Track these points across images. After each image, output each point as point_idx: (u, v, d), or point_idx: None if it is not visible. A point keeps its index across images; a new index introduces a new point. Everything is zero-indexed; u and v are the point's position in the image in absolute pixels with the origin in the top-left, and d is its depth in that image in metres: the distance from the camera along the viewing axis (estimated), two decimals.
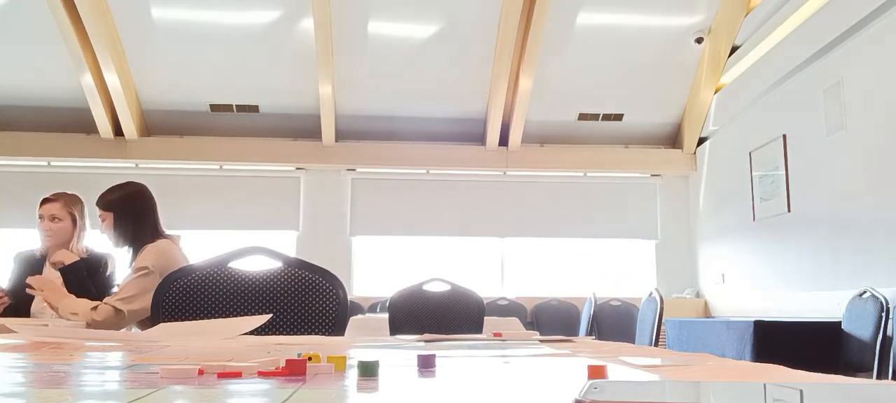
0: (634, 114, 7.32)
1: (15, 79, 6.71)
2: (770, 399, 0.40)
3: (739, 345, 4.21)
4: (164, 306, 1.89)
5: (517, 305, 7.06)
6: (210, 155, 7.22)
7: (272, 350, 0.99)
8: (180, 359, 0.81)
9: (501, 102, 6.85)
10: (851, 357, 3.90)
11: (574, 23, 6.41)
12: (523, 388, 0.55)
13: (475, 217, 7.47)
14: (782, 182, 5.68)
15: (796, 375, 0.63)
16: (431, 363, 0.72)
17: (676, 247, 7.55)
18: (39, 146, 7.04)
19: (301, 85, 6.86)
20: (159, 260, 2.45)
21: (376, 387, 0.55)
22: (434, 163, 7.38)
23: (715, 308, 6.99)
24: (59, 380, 0.59)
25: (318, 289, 1.93)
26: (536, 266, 7.53)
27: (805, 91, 5.43)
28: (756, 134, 6.14)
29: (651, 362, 0.79)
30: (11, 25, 6.19)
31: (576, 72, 6.87)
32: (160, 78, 6.81)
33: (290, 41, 6.49)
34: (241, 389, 0.52)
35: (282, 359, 0.67)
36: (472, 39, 6.52)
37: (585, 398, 0.38)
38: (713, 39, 6.55)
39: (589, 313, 5.36)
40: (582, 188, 7.61)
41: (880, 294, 3.76)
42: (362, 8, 6.22)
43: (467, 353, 0.96)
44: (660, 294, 3.80)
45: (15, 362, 0.78)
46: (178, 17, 6.28)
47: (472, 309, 3.82)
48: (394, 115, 7.27)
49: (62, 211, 2.75)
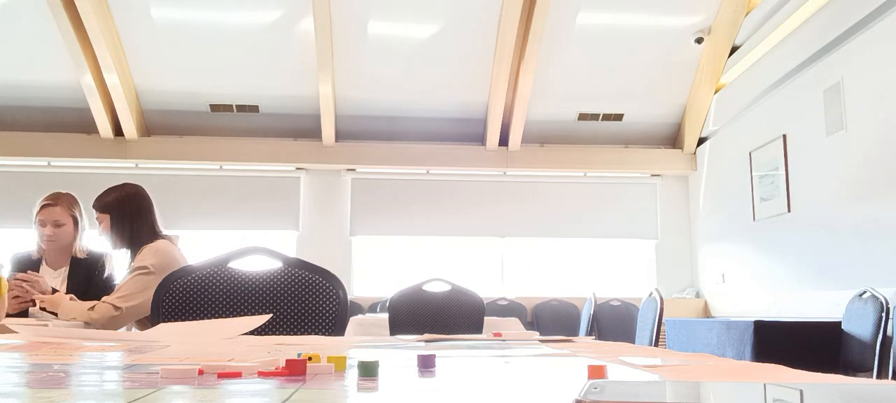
0: (634, 114, 7.32)
1: (15, 79, 6.70)
2: (770, 399, 0.40)
3: (739, 345, 4.21)
4: (164, 306, 1.89)
5: (517, 305, 7.06)
6: (210, 155, 7.22)
7: (272, 350, 0.99)
8: (180, 359, 0.81)
9: (501, 102, 6.85)
10: (851, 357, 3.90)
11: (574, 22, 6.41)
12: (523, 388, 0.55)
13: (475, 217, 7.47)
14: (782, 182, 5.68)
15: (796, 375, 0.63)
16: (431, 363, 0.72)
17: (676, 247, 7.55)
18: (39, 146, 7.04)
19: (301, 85, 6.86)
20: (158, 259, 2.45)
21: (376, 387, 0.55)
22: (434, 163, 7.38)
23: (715, 308, 6.99)
24: (59, 380, 0.59)
25: (318, 289, 1.93)
26: (536, 266, 7.53)
27: (805, 91, 5.43)
28: (756, 134, 6.14)
29: (651, 362, 0.79)
30: (11, 25, 6.19)
31: (576, 72, 6.87)
32: (160, 78, 6.80)
33: (290, 41, 6.49)
34: (241, 389, 0.52)
35: (282, 359, 0.67)
36: (471, 39, 6.52)
37: (585, 398, 0.38)
38: (713, 39, 6.55)
39: (589, 313, 5.36)
40: (582, 188, 7.61)
41: (880, 294, 3.76)
42: (362, 8, 6.22)
43: (467, 353, 0.96)
44: (660, 294, 3.80)
45: (15, 362, 0.78)
46: (178, 17, 6.28)
47: (472, 309, 3.81)
48: (394, 115, 7.27)
49: (65, 215, 2.72)
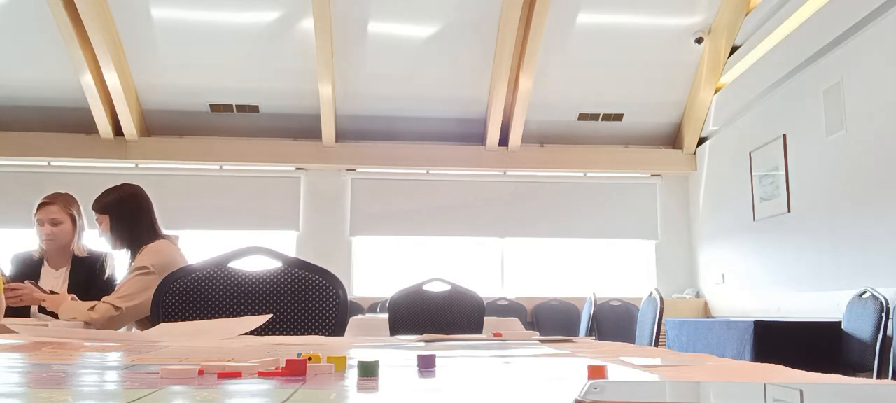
0: (634, 114, 7.31)
1: (15, 79, 6.70)
2: (770, 400, 0.40)
3: (739, 345, 4.21)
4: (164, 306, 1.89)
5: (517, 305, 7.06)
6: (210, 155, 7.22)
7: (272, 350, 0.99)
8: (180, 359, 0.81)
9: (501, 102, 6.85)
10: (851, 357, 3.90)
11: (574, 23, 6.41)
12: (523, 388, 0.55)
13: (475, 217, 7.47)
14: (782, 182, 5.68)
15: (797, 375, 0.63)
16: (431, 363, 0.72)
17: (676, 247, 7.55)
18: (39, 146, 7.04)
19: (301, 85, 6.86)
20: (158, 259, 2.45)
21: (376, 387, 0.55)
22: (434, 163, 7.38)
23: (715, 308, 6.99)
24: (59, 380, 0.59)
25: (318, 289, 1.93)
26: (536, 266, 7.53)
27: (805, 91, 5.43)
28: (756, 134, 6.14)
29: (651, 362, 0.79)
30: (11, 25, 6.19)
31: (576, 72, 6.87)
32: (160, 78, 6.80)
33: (290, 41, 6.49)
34: (241, 389, 0.52)
35: (282, 359, 0.67)
36: (472, 40, 6.52)
37: (585, 398, 0.38)
38: (713, 39, 6.55)
39: (589, 313, 5.36)
40: (582, 188, 7.61)
41: (880, 294, 3.76)
42: (362, 8, 6.22)
43: (467, 353, 0.96)
44: (660, 294, 3.80)
45: (15, 362, 0.78)
46: (178, 17, 6.28)
47: (472, 309, 3.81)
48: (394, 115, 7.27)
49: (61, 213, 2.74)
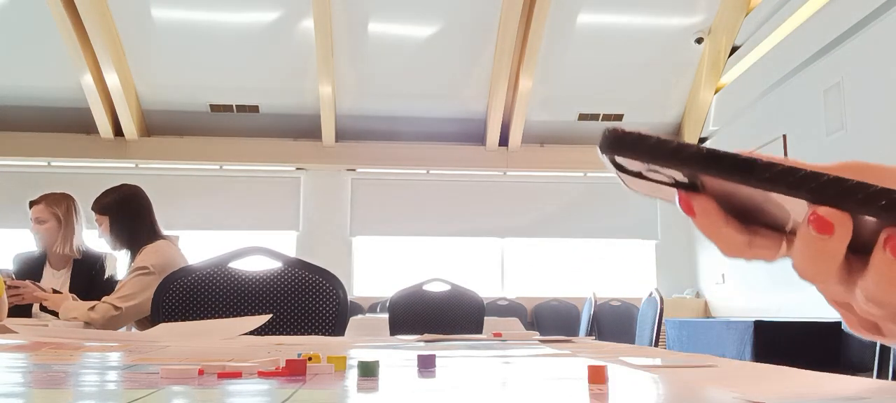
0: (634, 115, 7.31)
1: (15, 79, 6.70)
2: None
3: (739, 345, 4.21)
4: (164, 306, 1.89)
5: (517, 305, 7.06)
6: (210, 155, 7.22)
7: (272, 350, 0.99)
8: (180, 359, 0.81)
9: (501, 102, 6.85)
10: (851, 357, 3.90)
11: (574, 23, 6.41)
12: (523, 388, 0.55)
13: (475, 217, 7.47)
14: None
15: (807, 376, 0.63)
16: (431, 363, 0.72)
17: (676, 247, 7.55)
18: (39, 146, 7.04)
19: (301, 85, 6.86)
20: (158, 259, 2.45)
21: (376, 387, 0.55)
22: (434, 163, 7.38)
23: (715, 308, 6.99)
24: (59, 380, 0.59)
25: (318, 289, 1.93)
26: (536, 266, 7.53)
27: (805, 91, 5.43)
28: (756, 134, 6.14)
29: (651, 362, 0.79)
30: (11, 25, 6.19)
31: (576, 72, 6.86)
32: (160, 78, 6.80)
33: (290, 41, 6.49)
34: (241, 389, 0.52)
35: (282, 359, 0.67)
36: (472, 40, 6.52)
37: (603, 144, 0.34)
38: (713, 39, 6.55)
39: (589, 313, 5.36)
40: (582, 188, 7.61)
41: None
42: (362, 8, 6.22)
43: (467, 353, 0.96)
44: (660, 294, 3.79)
45: (15, 362, 0.78)
46: (178, 17, 6.28)
47: (472, 309, 3.81)
48: (394, 115, 7.27)
49: (45, 212, 2.74)
